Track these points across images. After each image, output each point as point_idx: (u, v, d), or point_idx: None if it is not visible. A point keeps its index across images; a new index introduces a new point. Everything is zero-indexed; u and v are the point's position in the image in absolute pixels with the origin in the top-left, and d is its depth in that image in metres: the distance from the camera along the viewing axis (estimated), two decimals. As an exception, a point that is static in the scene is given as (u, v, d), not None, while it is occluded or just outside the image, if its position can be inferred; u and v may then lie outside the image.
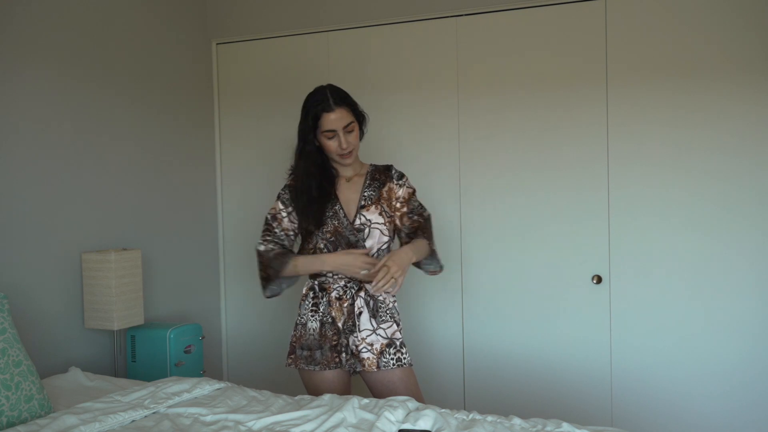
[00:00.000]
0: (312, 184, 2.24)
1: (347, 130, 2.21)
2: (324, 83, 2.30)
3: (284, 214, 2.29)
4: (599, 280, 2.86)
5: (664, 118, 2.76)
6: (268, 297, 2.31)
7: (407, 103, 3.15)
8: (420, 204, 2.35)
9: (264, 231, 2.30)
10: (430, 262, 2.32)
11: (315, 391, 2.29)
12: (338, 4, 3.28)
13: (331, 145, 2.22)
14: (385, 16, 3.17)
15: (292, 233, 2.31)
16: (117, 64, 2.93)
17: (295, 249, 2.35)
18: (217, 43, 3.52)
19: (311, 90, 2.28)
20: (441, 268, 2.36)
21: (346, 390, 2.31)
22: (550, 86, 2.91)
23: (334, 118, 2.18)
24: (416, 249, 2.22)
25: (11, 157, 2.46)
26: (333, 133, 2.20)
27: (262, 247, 2.26)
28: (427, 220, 2.35)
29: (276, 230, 2.28)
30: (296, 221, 2.30)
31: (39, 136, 2.57)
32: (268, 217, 2.31)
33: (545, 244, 2.95)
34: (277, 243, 2.27)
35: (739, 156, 2.67)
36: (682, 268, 2.76)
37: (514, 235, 3.00)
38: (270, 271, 2.25)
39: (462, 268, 3.08)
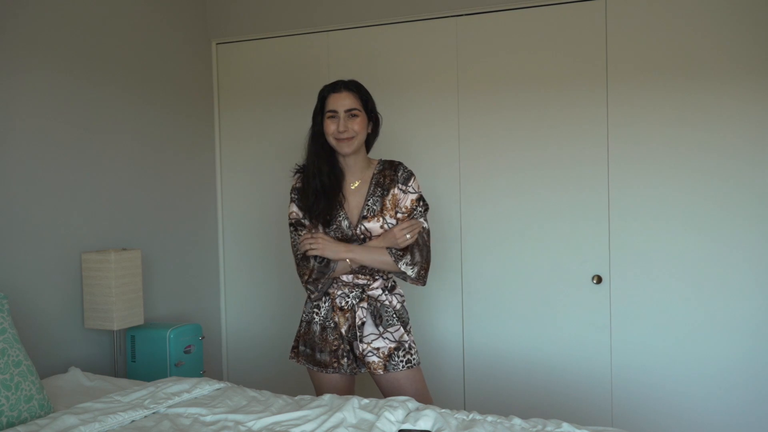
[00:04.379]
0: (323, 168, 2.20)
1: (350, 114, 2.18)
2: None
3: (302, 216, 2.25)
4: (599, 280, 2.86)
5: (664, 118, 2.76)
6: (319, 298, 2.26)
7: (407, 102, 3.14)
8: (423, 217, 2.22)
9: (294, 239, 2.25)
10: (415, 278, 2.20)
11: (317, 386, 2.30)
12: (338, 3, 3.28)
13: (330, 126, 2.18)
14: (385, 15, 3.17)
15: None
16: (117, 64, 2.93)
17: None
18: (217, 43, 3.52)
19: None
20: (422, 281, 2.22)
21: (348, 389, 2.30)
22: (550, 86, 2.91)
23: (338, 100, 2.18)
24: (367, 259, 2.16)
25: (11, 157, 2.46)
26: (334, 113, 2.18)
27: (298, 257, 2.22)
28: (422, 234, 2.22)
29: (303, 234, 2.23)
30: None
31: (39, 136, 2.56)
32: (293, 221, 2.26)
33: (545, 244, 2.95)
34: None
35: (739, 156, 2.67)
36: (682, 268, 2.76)
37: (514, 235, 3.00)
38: (317, 275, 2.20)
39: (462, 268, 3.08)
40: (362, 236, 2.21)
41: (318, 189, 2.20)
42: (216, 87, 3.54)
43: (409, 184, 2.23)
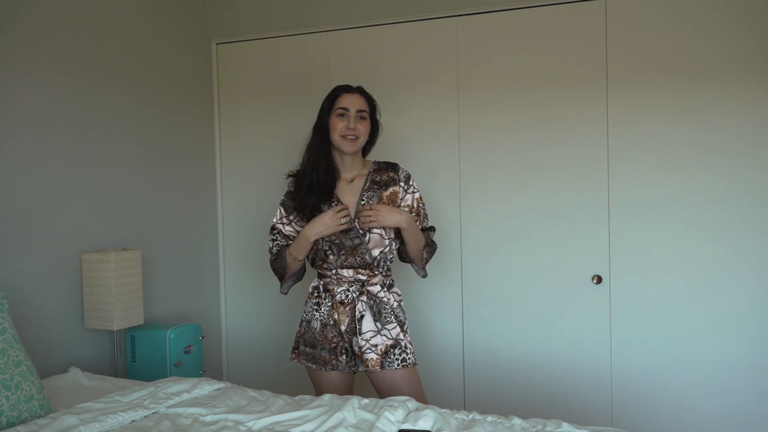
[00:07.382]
0: (321, 163, 2.27)
1: (359, 115, 2.26)
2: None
3: (285, 221, 2.35)
4: (599, 280, 2.86)
5: (664, 118, 2.76)
6: (285, 293, 2.43)
7: (407, 103, 3.15)
8: (427, 218, 2.39)
9: (270, 240, 2.38)
10: (418, 269, 2.43)
11: (318, 386, 2.33)
12: (338, 3, 3.28)
13: (339, 123, 2.24)
14: (385, 15, 3.17)
15: (294, 238, 2.34)
16: (117, 65, 2.93)
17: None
18: (217, 43, 3.52)
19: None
20: (425, 275, 2.45)
21: (348, 388, 2.33)
22: (550, 86, 2.91)
23: (351, 99, 2.27)
24: (415, 230, 2.27)
25: (11, 157, 2.46)
26: (345, 111, 2.25)
27: (270, 257, 2.37)
28: (432, 236, 2.42)
29: (278, 238, 2.36)
30: (297, 226, 2.33)
31: (39, 136, 2.56)
32: (272, 224, 2.38)
33: (545, 244, 2.95)
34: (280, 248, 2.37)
35: (739, 156, 2.67)
36: (682, 268, 2.76)
37: (514, 235, 3.00)
38: (281, 271, 2.35)
39: (462, 268, 3.08)
40: (362, 232, 2.25)
41: (312, 183, 2.26)
42: (216, 87, 3.54)
43: (410, 183, 2.35)
